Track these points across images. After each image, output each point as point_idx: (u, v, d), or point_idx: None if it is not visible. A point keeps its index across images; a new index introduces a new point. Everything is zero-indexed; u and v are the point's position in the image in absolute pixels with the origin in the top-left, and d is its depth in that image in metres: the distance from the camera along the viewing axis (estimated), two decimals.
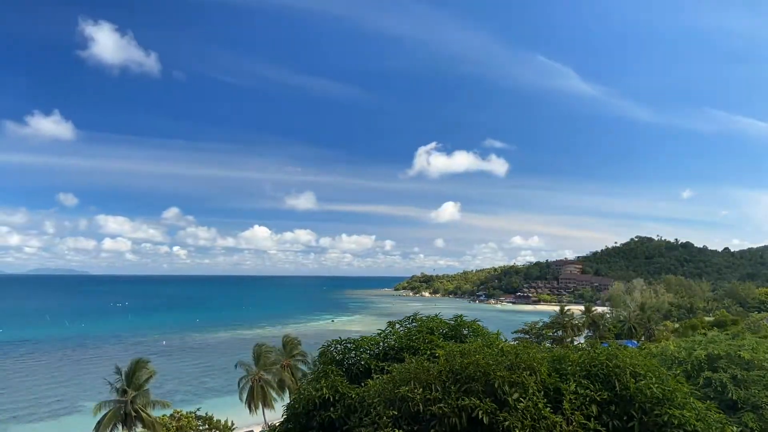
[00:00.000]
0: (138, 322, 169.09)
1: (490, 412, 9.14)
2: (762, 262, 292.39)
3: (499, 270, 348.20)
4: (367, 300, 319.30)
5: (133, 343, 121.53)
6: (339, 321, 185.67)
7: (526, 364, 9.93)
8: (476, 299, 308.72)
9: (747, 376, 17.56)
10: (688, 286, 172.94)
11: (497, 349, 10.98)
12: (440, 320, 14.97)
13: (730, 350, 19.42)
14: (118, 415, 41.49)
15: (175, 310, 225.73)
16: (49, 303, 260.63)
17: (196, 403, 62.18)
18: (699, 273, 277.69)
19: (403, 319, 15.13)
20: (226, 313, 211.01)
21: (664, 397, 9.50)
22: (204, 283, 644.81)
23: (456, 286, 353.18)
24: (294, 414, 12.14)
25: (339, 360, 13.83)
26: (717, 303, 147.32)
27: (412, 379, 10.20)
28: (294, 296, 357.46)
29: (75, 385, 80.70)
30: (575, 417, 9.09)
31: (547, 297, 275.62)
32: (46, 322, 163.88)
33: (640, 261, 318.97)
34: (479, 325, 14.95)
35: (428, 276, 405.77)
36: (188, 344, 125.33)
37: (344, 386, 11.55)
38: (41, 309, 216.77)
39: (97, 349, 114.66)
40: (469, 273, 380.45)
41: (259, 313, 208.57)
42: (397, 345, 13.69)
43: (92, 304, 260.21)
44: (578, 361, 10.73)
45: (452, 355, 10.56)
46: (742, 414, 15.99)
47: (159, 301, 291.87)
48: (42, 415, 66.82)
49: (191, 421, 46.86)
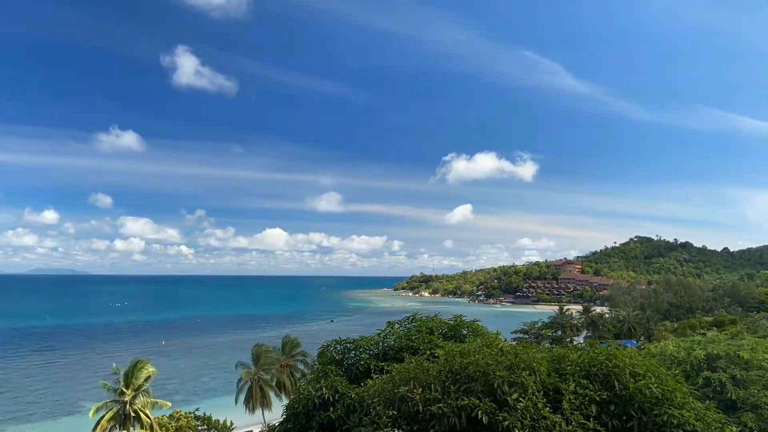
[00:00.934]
0: (138, 322, 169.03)
1: (490, 412, 9.15)
2: (762, 262, 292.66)
3: (498, 270, 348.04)
4: (367, 300, 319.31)
5: (133, 343, 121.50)
6: (339, 321, 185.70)
7: (526, 364, 9.94)
8: (476, 299, 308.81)
9: (746, 376, 17.59)
10: (688, 286, 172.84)
11: (497, 349, 10.99)
12: (440, 320, 14.98)
13: (729, 350, 19.46)
14: (117, 416, 41.45)
15: (175, 310, 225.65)
16: (48, 303, 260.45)
17: (195, 403, 62.16)
18: (699, 273, 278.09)
19: (403, 319, 15.13)
20: (227, 313, 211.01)
21: (664, 397, 9.50)
22: (206, 283, 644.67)
23: (455, 286, 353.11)
24: (293, 414, 12.14)
25: (338, 360, 13.85)
26: (716, 303, 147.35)
27: (412, 379, 10.21)
28: (294, 296, 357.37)
29: (75, 385, 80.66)
30: (575, 417, 9.10)
31: (546, 297, 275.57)
32: (46, 322, 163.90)
33: (639, 261, 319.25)
34: (479, 325, 14.96)
35: (428, 276, 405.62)
36: (188, 344, 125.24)
37: (344, 386, 11.55)
38: (41, 309, 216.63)
39: (96, 349, 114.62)
40: (468, 273, 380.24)
41: (259, 313, 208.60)
42: (397, 345, 13.70)
43: (92, 304, 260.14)
44: (577, 361, 10.74)
45: (452, 355, 10.56)
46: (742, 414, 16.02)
47: (159, 301, 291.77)
48: (42, 415, 66.80)
49: (190, 421, 46.80)
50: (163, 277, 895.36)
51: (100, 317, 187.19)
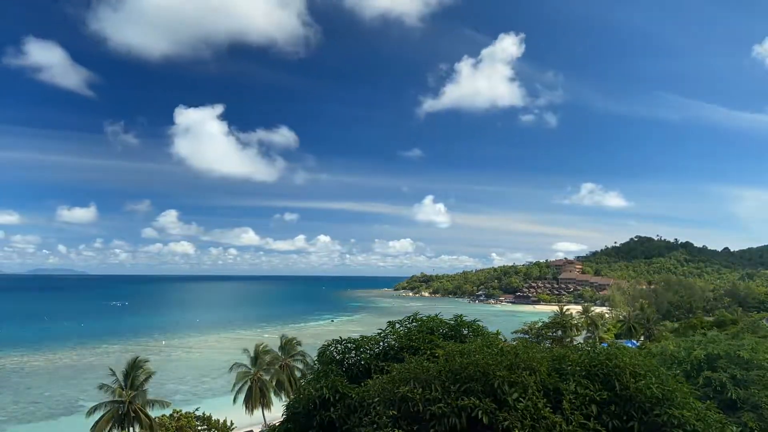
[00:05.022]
0: (138, 322, 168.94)
1: (490, 412, 9.15)
2: (762, 262, 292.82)
3: (499, 270, 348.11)
4: (368, 300, 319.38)
5: (133, 344, 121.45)
6: (339, 321, 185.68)
7: (526, 364, 9.94)
8: (476, 299, 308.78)
9: (746, 376, 17.60)
10: (688, 286, 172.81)
11: (497, 349, 10.99)
12: (440, 320, 14.97)
13: (729, 350, 19.47)
14: (116, 416, 41.46)
15: (175, 309, 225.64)
16: (48, 303, 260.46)
17: (195, 403, 62.13)
18: (699, 273, 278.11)
19: (403, 319, 15.12)
20: (226, 313, 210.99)
21: (664, 397, 9.51)
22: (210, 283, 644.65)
23: (456, 286, 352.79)
24: (294, 414, 12.14)
25: (339, 360, 13.83)
26: (716, 303, 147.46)
27: (412, 379, 10.21)
28: (295, 296, 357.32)
29: (74, 385, 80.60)
30: (575, 417, 9.10)
31: (546, 297, 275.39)
32: (45, 322, 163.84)
33: (640, 261, 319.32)
34: (479, 325, 14.96)
35: (428, 276, 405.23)
36: (188, 344, 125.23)
37: (344, 386, 11.54)
38: (40, 309, 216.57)
39: (96, 349, 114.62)
40: (468, 273, 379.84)
41: (259, 313, 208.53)
42: (397, 345, 13.69)
43: (92, 304, 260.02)
44: (578, 361, 10.74)
45: (452, 355, 10.57)
46: (742, 414, 16.02)
47: (159, 301, 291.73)
48: (41, 415, 66.78)
49: (191, 420, 46.83)
50: (164, 277, 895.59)
51: (99, 317, 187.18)
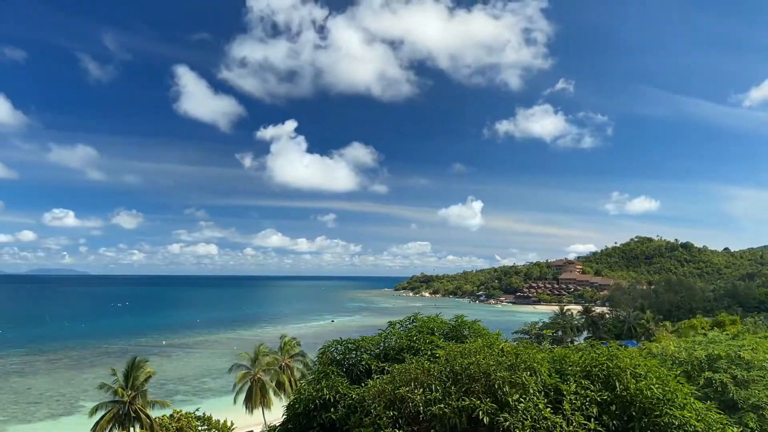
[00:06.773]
0: (138, 322, 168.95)
1: (491, 413, 9.14)
2: (762, 262, 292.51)
3: (499, 270, 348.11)
4: (368, 300, 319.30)
5: (133, 344, 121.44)
6: (339, 321, 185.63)
7: (527, 365, 9.94)
8: (476, 299, 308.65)
9: (747, 377, 17.59)
10: (689, 286, 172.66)
11: (498, 350, 10.98)
12: (441, 320, 14.99)
13: (730, 350, 19.47)
14: (116, 416, 41.45)
15: (175, 310, 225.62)
16: (48, 303, 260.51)
17: (195, 403, 62.16)
18: (699, 273, 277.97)
19: (404, 320, 15.13)
20: (227, 313, 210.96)
21: (665, 397, 9.51)
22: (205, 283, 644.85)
23: (456, 286, 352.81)
24: (294, 414, 12.13)
25: (339, 360, 13.84)
26: (717, 303, 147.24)
27: (413, 380, 10.20)
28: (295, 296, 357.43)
29: (75, 385, 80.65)
30: (575, 417, 9.10)
31: (547, 297, 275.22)
32: (46, 322, 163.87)
33: (640, 261, 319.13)
34: (480, 326, 14.97)
35: (428, 276, 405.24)
36: (188, 344, 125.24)
37: (344, 387, 11.55)
38: (40, 309, 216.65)
39: (96, 349, 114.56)
40: (469, 273, 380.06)
41: (259, 314, 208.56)
42: (398, 345, 13.69)
43: (92, 304, 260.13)
44: (578, 361, 10.75)
45: (453, 356, 10.56)
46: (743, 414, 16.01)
47: (159, 301, 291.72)
48: (42, 415, 66.78)
49: (191, 421, 46.75)
50: (162, 277, 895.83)
51: (99, 317, 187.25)
